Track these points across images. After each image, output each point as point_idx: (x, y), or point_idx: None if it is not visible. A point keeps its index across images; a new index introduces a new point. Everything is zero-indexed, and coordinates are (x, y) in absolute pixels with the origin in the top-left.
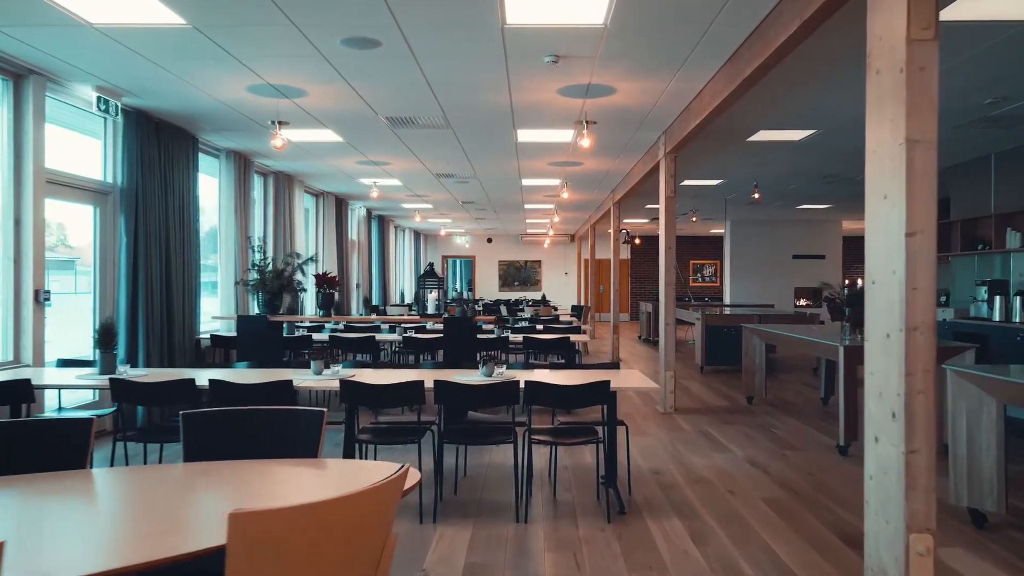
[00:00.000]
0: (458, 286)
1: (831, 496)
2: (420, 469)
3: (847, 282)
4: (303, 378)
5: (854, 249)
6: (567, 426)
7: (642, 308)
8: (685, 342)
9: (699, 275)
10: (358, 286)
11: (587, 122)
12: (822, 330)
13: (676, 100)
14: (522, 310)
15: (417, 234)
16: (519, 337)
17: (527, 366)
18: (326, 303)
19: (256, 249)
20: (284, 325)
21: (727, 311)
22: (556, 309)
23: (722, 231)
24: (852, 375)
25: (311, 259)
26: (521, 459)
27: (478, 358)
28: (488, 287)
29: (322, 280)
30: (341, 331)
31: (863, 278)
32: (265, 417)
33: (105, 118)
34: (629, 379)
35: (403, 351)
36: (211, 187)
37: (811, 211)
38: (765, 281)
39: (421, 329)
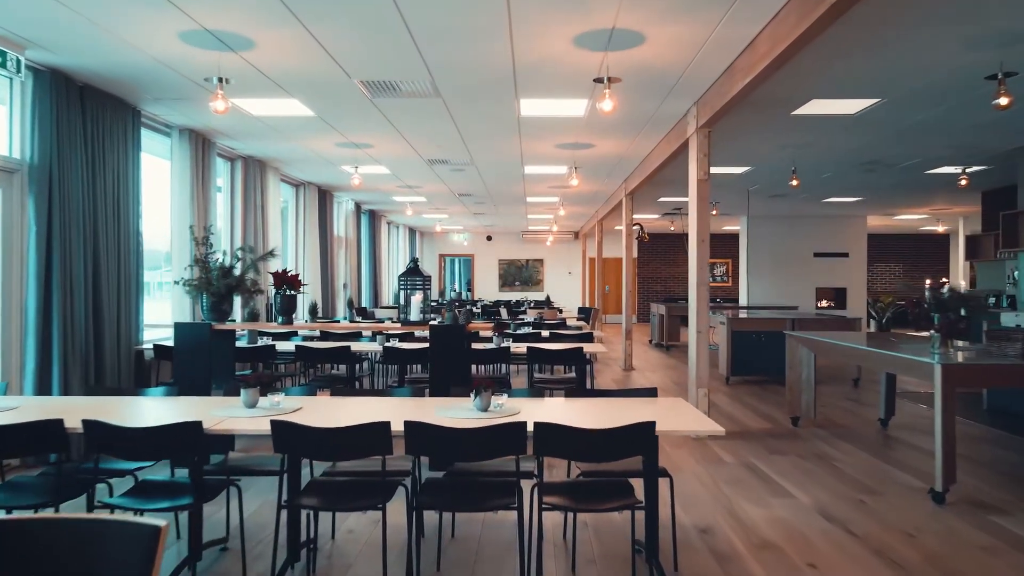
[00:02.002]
0: (457, 286)
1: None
2: (385, 540)
3: (929, 283)
4: (223, 414)
5: (879, 247)
6: (591, 480)
7: (653, 310)
8: None
9: (710, 275)
10: (345, 286)
11: (609, 79)
12: (900, 342)
13: (718, 54)
14: (524, 312)
15: (412, 231)
16: (522, 346)
17: (534, 390)
18: (285, 307)
19: (200, 241)
20: (247, 334)
21: (750, 314)
22: (561, 311)
23: (737, 228)
24: (951, 401)
25: (271, 254)
26: (529, 521)
27: (473, 375)
28: (488, 287)
29: (281, 279)
30: (318, 338)
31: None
32: (55, 534)
33: (8, 78)
34: (678, 416)
35: (386, 362)
36: (164, 171)
37: (837, 205)
38: (784, 281)
39: (409, 336)
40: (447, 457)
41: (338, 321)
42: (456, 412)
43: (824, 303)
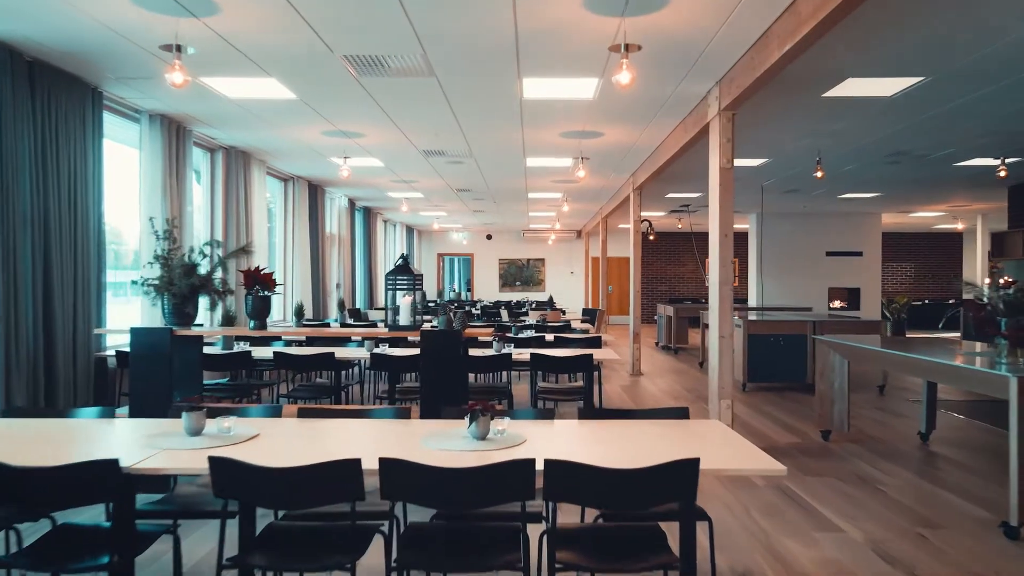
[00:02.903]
0: (456, 286)
1: None
2: None
3: (988, 281)
4: (159, 445)
5: (890, 245)
6: (614, 526)
7: (660, 311)
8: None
9: None
10: (338, 286)
11: (627, 47)
12: (958, 351)
13: (752, 17)
14: (525, 314)
15: (410, 229)
16: (524, 352)
17: (539, 410)
18: (258, 310)
19: (160, 235)
20: (222, 339)
21: (765, 316)
22: (564, 313)
23: (745, 226)
24: None
25: (243, 249)
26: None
27: (471, 385)
28: (488, 288)
29: (252, 278)
30: (305, 343)
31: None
32: None
33: None
34: (723, 447)
35: (375, 370)
36: (135, 161)
37: (853, 202)
38: (795, 281)
39: (402, 341)
40: (434, 504)
41: (328, 324)
42: (447, 442)
43: (837, 304)
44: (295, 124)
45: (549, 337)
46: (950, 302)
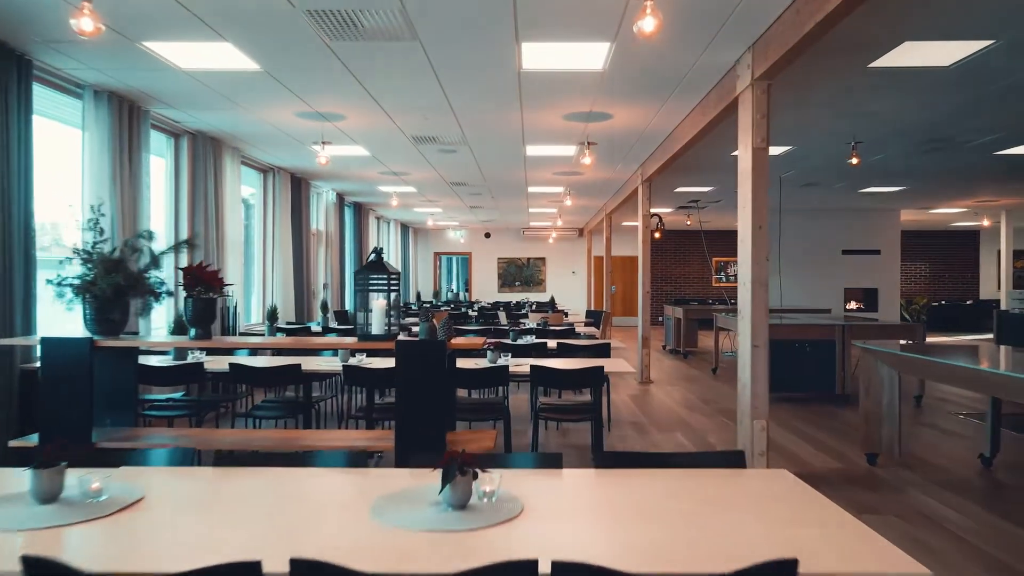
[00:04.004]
0: (454, 287)
1: None
2: None
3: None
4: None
5: (908, 244)
6: None
7: (667, 313)
8: (722, 354)
9: (723, 274)
10: (326, 287)
11: None
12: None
13: None
14: (525, 315)
15: (405, 227)
16: (524, 363)
17: (543, 454)
18: (199, 315)
19: (87, 225)
20: (177, 351)
21: (784, 319)
22: (567, 315)
23: None
24: None
25: (187, 243)
26: None
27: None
28: (486, 288)
29: (194, 277)
30: (291, 352)
31: None
32: None
33: None
34: (813, 526)
35: (348, 385)
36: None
37: (874, 197)
38: (809, 281)
39: (383, 349)
40: None
41: (309, 328)
42: (409, 514)
43: (853, 305)
44: (264, 103)
45: (551, 344)
46: (967, 303)
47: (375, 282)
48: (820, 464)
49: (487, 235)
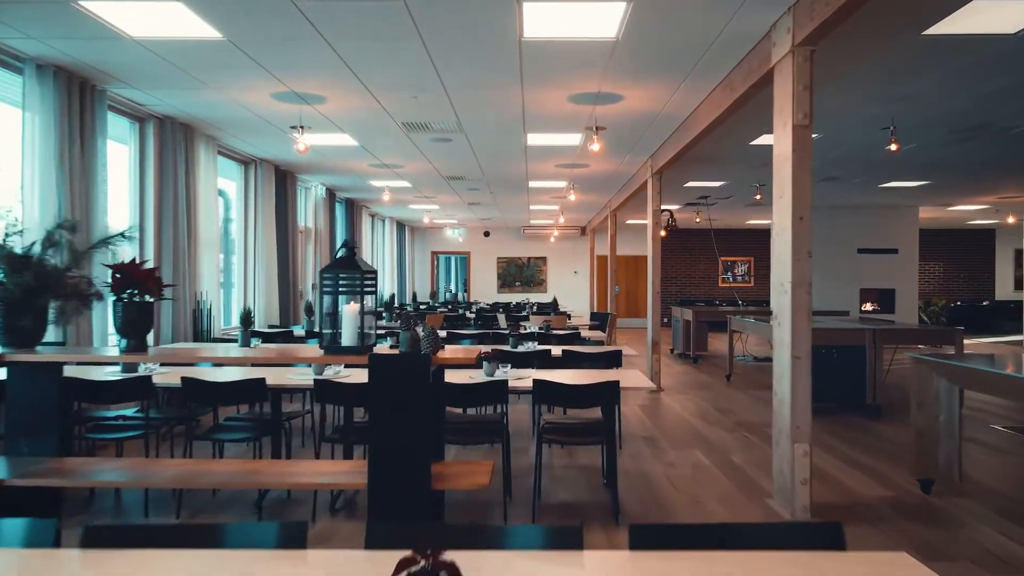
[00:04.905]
0: (452, 287)
1: None
2: None
3: None
4: None
5: (929, 242)
6: None
7: (676, 314)
8: (736, 358)
9: (729, 274)
10: (314, 287)
11: None
12: None
13: None
14: (526, 317)
15: (401, 225)
16: (526, 376)
17: (552, 528)
18: (132, 323)
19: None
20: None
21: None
22: (570, 317)
23: (765, 221)
24: None
25: (122, 235)
26: None
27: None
28: (485, 288)
29: (125, 277)
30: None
31: None
32: None
33: None
34: None
35: (321, 402)
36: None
37: (893, 192)
38: (823, 281)
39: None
40: None
41: (292, 331)
42: None
43: (868, 306)
44: (234, 82)
45: (556, 351)
46: (984, 303)
47: (345, 281)
48: (866, 491)
49: (486, 234)
